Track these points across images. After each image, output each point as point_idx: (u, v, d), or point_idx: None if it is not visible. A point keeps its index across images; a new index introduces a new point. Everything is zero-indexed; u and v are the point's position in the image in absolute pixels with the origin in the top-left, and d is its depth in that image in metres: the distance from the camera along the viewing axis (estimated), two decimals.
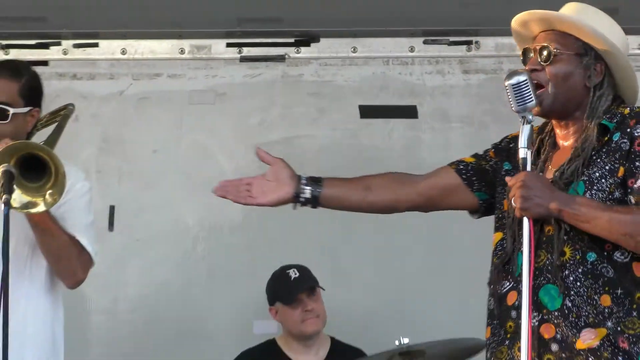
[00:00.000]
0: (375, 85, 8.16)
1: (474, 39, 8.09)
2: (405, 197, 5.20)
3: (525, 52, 4.93)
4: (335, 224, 7.84)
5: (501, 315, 4.74)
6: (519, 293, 4.63)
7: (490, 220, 5.68)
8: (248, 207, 7.66)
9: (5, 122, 5.65)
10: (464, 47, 8.10)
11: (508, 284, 4.74)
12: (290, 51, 8.12)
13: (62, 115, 6.09)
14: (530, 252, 4.61)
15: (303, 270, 7.57)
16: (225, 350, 7.63)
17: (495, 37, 8.07)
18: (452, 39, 8.09)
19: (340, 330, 7.62)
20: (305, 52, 8.09)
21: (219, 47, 8.11)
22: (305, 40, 8.14)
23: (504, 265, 4.81)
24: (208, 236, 8.13)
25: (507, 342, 4.75)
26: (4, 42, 7.92)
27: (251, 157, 7.42)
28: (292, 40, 8.13)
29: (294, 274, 7.48)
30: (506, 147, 5.04)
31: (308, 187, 4.98)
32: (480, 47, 8.08)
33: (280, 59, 8.12)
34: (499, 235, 4.90)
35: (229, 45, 8.10)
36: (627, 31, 5.20)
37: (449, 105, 8.14)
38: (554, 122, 4.92)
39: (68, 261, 5.75)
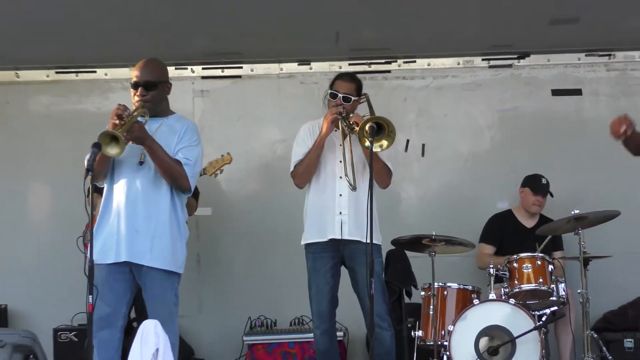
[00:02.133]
0: (560, 79, 9.12)
1: (610, 53, 9.04)
2: None
3: None
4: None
5: None
6: None
7: None
8: (498, 139, 9.11)
9: (349, 104, 6.72)
10: (606, 58, 9.09)
11: None
12: (515, 62, 9.15)
13: (366, 98, 6.91)
14: None
15: (547, 181, 8.40)
16: (481, 217, 8.60)
17: None
18: (600, 53, 9.05)
19: None
20: (522, 62, 9.12)
21: (477, 60, 9.16)
22: (522, 55, 9.10)
23: None
24: (472, 159, 9.14)
25: None
26: (367, 62, 9.05)
27: (494, 116, 9.18)
28: (516, 56, 9.12)
29: (544, 180, 8.36)
30: None
31: None
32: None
33: (509, 66, 9.16)
34: None
35: (483, 59, 9.16)
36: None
37: (597, 86, 9.11)
38: None
39: (383, 174, 6.76)
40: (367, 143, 6.19)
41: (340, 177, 6.63)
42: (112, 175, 5.96)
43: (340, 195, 6.66)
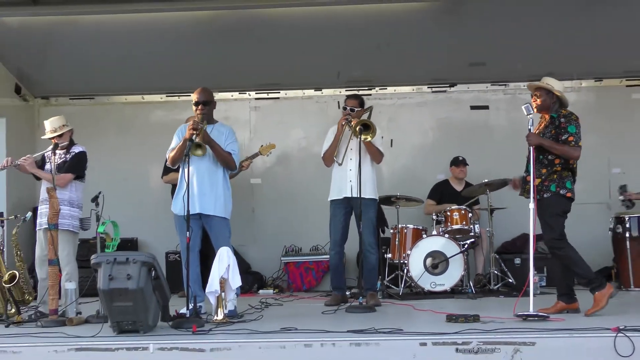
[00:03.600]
0: (475, 99, 8.75)
1: (506, 83, 8.59)
2: None
3: (532, 95, 5.53)
4: None
5: None
6: None
7: None
8: (437, 137, 8.34)
9: (355, 113, 6.54)
10: (503, 86, 8.63)
11: None
12: (448, 89, 8.71)
13: (369, 110, 6.71)
14: (532, 154, 5.31)
15: (463, 158, 8.07)
16: (427, 184, 8.23)
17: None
18: (499, 83, 8.62)
19: None
20: (452, 89, 8.73)
21: (424, 88, 8.75)
22: (452, 85, 8.68)
23: None
24: (422, 149, 8.76)
25: None
26: (356, 89, 8.19)
27: (435, 122, 8.71)
28: (448, 85, 8.68)
29: (461, 157, 8.11)
30: None
31: None
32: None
33: (444, 91, 8.71)
34: None
35: (428, 87, 8.73)
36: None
37: (498, 104, 8.71)
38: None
39: (377, 155, 6.59)
40: (358, 136, 6.31)
41: (351, 159, 6.55)
42: (187, 161, 5.81)
43: (350, 170, 6.52)
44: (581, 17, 7.61)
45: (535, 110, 5.48)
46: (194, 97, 6.12)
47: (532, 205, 5.23)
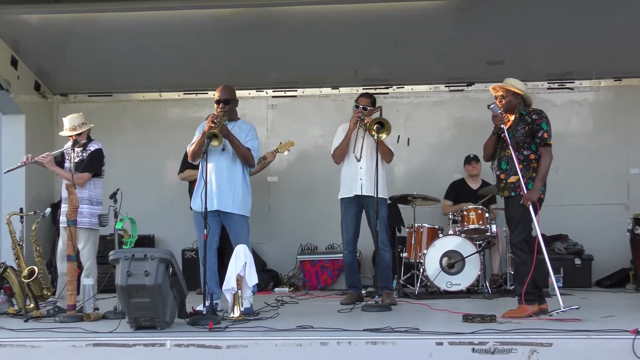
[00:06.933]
0: (492, 98, 7.01)
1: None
2: None
3: (496, 96, 5.67)
4: None
5: None
6: None
7: None
8: (454, 135, 8.35)
9: (367, 111, 6.56)
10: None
11: None
12: (465, 88, 8.63)
13: (380, 108, 6.64)
14: (514, 152, 5.45)
15: (474, 155, 7.91)
16: (444, 183, 8.23)
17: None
18: None
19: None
20: (469, 88, 8.65)
21: (442, 87, 8.71)
22: (469, 84, 8.63)
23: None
24: (438, 147, 8.70)
25: None
26: (374, 87, 8.38)
27: (451, 121, 8.66)
28: (465, 84, 8.62)
29: (472, 155, 8.00)
30: None
31: None
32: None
33: (461, 90, 8.64)
34: None
35: (445, 86, 8.71)
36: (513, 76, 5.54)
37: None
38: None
39: (388, 154, 6.52)
40: (374, 134, 6.24)
41: (361, 157, 6.55)
42: (205, 158, 5.82)
43: (361, 168, 6.53)
44: (601, 16, 7.52)
45: (501, 110, 5.60)
46: (215, 94, 6.16)
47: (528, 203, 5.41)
